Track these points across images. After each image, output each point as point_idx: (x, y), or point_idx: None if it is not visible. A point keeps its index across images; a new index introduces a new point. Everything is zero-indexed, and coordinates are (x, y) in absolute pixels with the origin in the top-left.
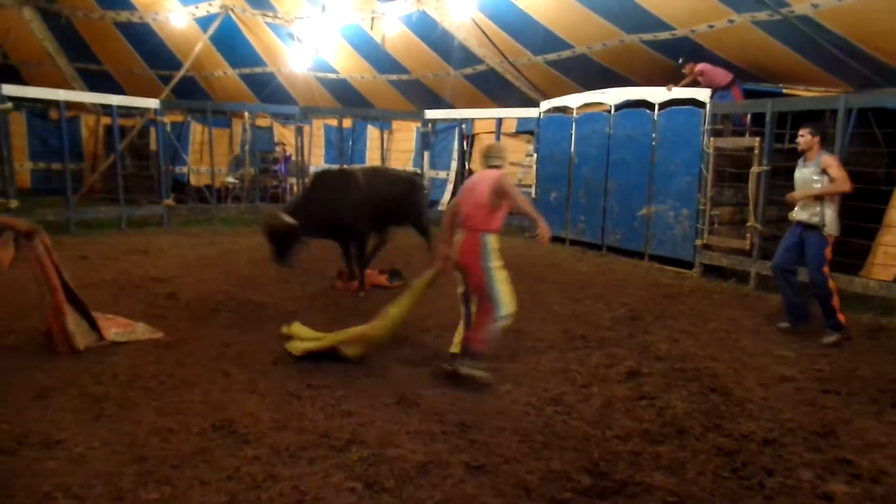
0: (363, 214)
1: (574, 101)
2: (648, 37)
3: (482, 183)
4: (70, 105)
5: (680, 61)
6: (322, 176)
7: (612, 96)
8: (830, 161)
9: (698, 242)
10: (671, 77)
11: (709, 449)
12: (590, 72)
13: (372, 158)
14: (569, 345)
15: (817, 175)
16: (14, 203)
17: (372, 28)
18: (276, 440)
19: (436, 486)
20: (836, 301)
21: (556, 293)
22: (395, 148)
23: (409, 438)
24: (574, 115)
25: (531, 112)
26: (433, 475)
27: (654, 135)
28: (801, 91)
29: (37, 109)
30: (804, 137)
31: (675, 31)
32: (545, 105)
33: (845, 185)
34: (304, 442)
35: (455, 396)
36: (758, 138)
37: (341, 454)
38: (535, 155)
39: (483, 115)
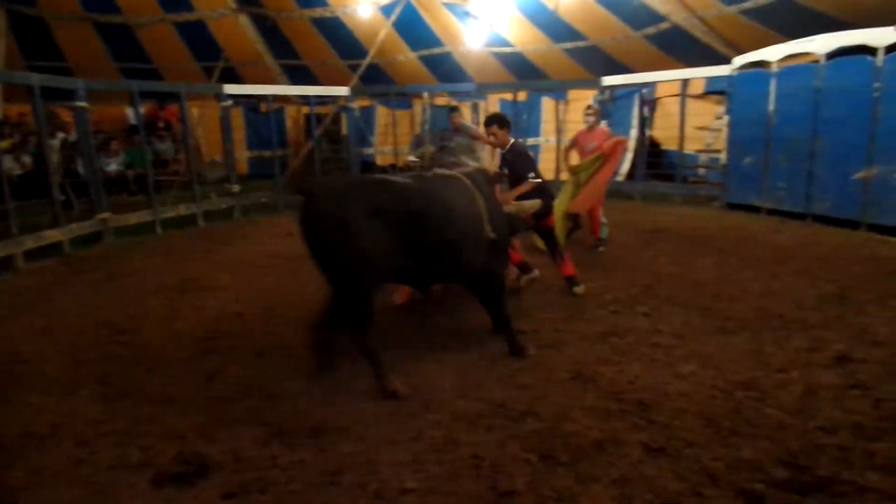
0: None
1: (774, 53)
2: None
3: None
4: (276, 98)
5: None
6: None
7: (823, 44)
8: None
9: None
10: None
11: None
12: (795, 19)
13: (547, 131)
14: (764, 325)
15: None
16: (236, 188)
17: None
18: (456, 407)
19: (612, 464)
20: None
21: (750, 268)
22: (571, 119)
23: (584, 414)
24: (774, 69)
25: (722, 70)
26: (609, 453)
27: (876, 85)
28: None
29: (251, 104)
30: None
31: None
32: (739, 61)
33: None
34: (481, 410)
35: (634, 374)
36: None
37: (517, 425)
38: (727, 117)
39: (666, 78)
